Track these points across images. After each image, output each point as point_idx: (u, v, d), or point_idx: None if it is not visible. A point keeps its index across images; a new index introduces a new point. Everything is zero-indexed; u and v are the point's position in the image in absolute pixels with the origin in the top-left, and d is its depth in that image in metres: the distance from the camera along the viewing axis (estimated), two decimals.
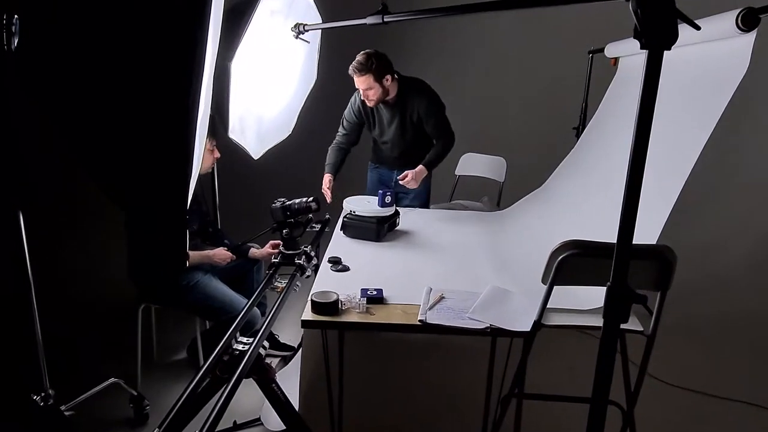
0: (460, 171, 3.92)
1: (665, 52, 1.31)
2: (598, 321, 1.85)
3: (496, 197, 3.75)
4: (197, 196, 2.66)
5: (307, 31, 1.83)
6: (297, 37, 1.91)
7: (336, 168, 3.11)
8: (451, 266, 2.30)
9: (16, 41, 1.60)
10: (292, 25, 1.93)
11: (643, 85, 0.99)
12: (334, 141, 3.18)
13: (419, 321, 1.76)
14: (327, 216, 2.87)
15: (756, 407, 2.56)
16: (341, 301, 1.82)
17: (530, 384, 2.38)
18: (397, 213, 2.70)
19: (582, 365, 2.62)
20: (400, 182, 2.93)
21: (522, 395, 1.93)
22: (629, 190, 1.05)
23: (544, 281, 1.71)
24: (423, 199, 3.27)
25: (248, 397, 2.43)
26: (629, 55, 2.80)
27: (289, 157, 3.19)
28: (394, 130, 3.05)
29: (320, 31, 3.15)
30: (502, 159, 3.79)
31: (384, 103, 2.95)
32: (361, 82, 2.78)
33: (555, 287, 1.71)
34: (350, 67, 2.77)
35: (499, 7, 1.32)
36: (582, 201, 2.67)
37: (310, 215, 2.28)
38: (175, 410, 1.49)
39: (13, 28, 1.59)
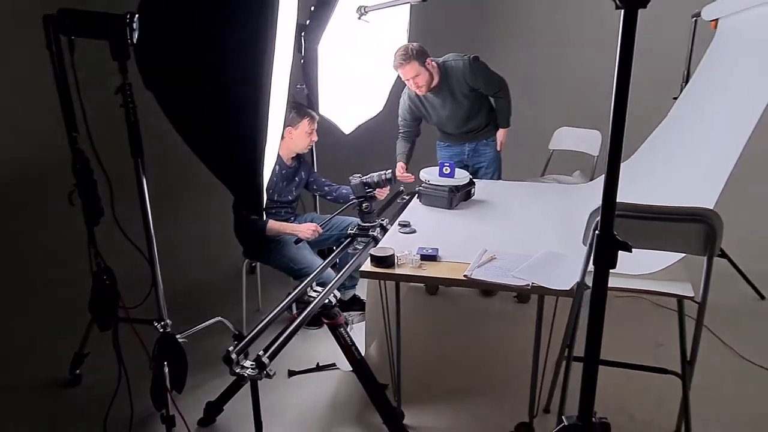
0: (553, 145, 3.89)
1: (733, 17, 1.26)
2: (645, 285, 1.87)
3: (591, 171, 3.67)
4: (299, 168, 2.98)
5: (368, 12, 2.01)
6: (359, 18, 2.11)
7: (407, 157, 3.30)
8: (516, 234, 2.39)
9: (135, 36, 2.00)
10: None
11: (619, 48, 1.06)
12: (399, 134, 3.33)
13: (464, 276, 1.90)
14: (401, 188, 3.08)
15: None
16: (397, 257, 2.02)
17: (608, 352, 2.43)
18: (472, 183, 2.82)
19: (670, 342, 2.60)
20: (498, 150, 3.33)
21: (571, 358, 1.99)
22: (613, 146, 1.12)
23: (584, 242, 1.77)
24: (496, 166, 3.39)
25: (331, 344, 2.75)
26: (729, 15, 2.61)
27: (378, 132, 3.42)
28: (451, 110, 3.16)
29: (408, 15, 3.34)
30: (598, 132, 3.69)
31: (431, 91, 3.07)
32: (408, 71, 2.91)
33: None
34: (394, 63, 2.92)
35: None
36: (668, 170, 2.58)
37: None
38: (249, 337, 1.82)
39: (134, 25, 1.99)
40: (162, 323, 2.30)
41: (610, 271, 1.16)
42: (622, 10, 1.04)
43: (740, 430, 2.18)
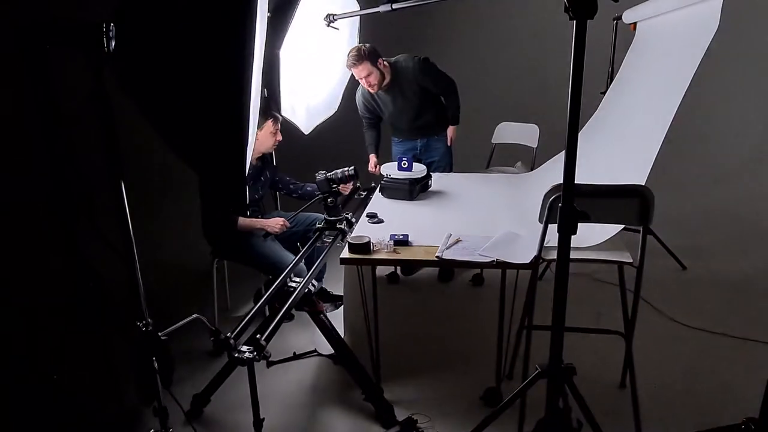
0: (496, 139, 4.19)
1: (649, 21, 1.48)
2: (593, 255, 2.14)
3: (531, 162, 3.99)
4: (264, 168, 3.08)
5: (337, 20, 2.18)
6: (328, 26, 2.27)
7: (376, 146, 3.56)
8: (474, 219, 2.63)
9: (113, 44, 2.06)
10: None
11: (573, 51, 1.29)
12: (364, 124, 3.59)
13: (436, 257, 2.11)
14: (358, 184, 3.26)
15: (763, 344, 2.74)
16: (372, 243, 2.20)
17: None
18: (429, 175, 3.04)
19: (609, 312, 2.92)
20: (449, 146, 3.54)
21: (531, 327, 2.24)
22: (570, 134, 1.35)
23: (540, 221, 2.02)
24: (448, 160, 3.63)
25: (303, 335, 2.90)
26: (645, 19, 2.97)
27: (336, 131, 3.58)
28: (402, 107, 3.37)
29: (358, 18, 3.52)
30: (535, 126, 4.02)
31: (382, 89, 3.28)
32: (360, 70, 3.10)
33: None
34: (347, 63, 3.10)
35: None
36: (602, 155, 2.90)
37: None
38: (243, 323, 1.94)
39: (111, 33, 2.06)
40: (144, 322, 2.36)
41: None
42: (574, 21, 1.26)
43: (674, 379, 2.51)
